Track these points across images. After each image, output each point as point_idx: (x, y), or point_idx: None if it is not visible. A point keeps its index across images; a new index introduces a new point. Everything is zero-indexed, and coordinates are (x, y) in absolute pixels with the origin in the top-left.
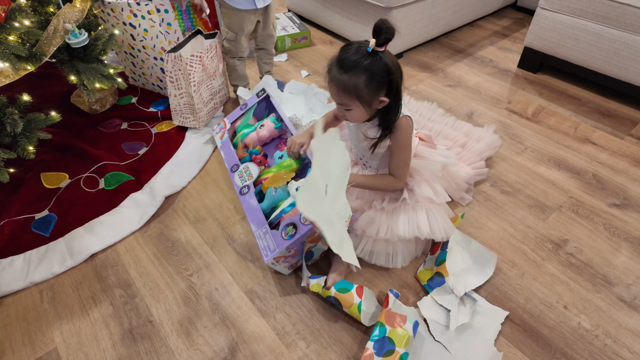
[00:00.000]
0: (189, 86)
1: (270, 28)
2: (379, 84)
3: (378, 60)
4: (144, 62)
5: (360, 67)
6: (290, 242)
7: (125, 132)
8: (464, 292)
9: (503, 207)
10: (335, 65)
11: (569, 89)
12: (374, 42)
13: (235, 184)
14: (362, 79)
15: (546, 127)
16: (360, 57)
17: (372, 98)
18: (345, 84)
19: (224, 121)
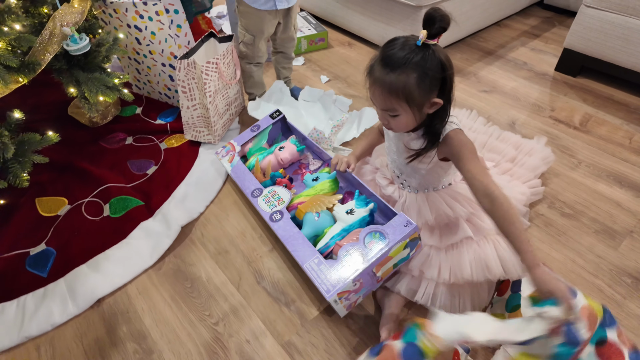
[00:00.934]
0: (204, 97)
1: (291, 30)
2: (433, 83)
3: (430, 55)
4: (150, 69)
5: (410, 64)
6: (357, 274)
7: (131, 147)
8: None
9: (566, 233)
10: (378, 64)
11: (614, 94)
12: (425, 34)
13: (262, 210)
14: (412, 78)
15: (597, 138)
16: (409, 52)
17: (424, 100)
18: (392, 84)
19: (232, 143)
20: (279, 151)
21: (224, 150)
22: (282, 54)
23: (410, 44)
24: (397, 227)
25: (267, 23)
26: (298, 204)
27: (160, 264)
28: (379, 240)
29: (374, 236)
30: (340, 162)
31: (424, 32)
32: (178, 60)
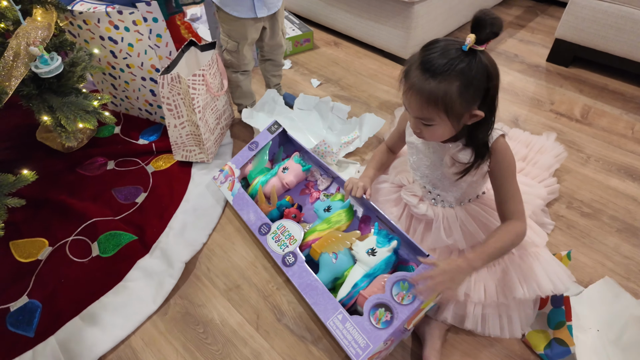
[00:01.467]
0: (193, 113)
1: (279, 36)
2: (476, 93)
3: (477, 62)
4: (129, 84)
5: (453, 71)
6: (388, 332)
7: (114, 173)
8: None
9: (590, 235)
10: (417, 68)
11: (609, 83)
12: (473, 38)
13: (273, 251)
14: (455, 86)
15: (601, 130)
16: (454, 57)
17: (464, 111)
18: (432, 93)
19: (230, 167)
20: (282, 173)
21: (221, 175)
22: (270, 61)
23: (454, 48)
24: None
25: (250, 28)
26: (312, 241)
27: (166, 307)
28: (408, 291)
29: (402, 287)
30: (355, 187)
31: (472, 36)
32: (160, 76)
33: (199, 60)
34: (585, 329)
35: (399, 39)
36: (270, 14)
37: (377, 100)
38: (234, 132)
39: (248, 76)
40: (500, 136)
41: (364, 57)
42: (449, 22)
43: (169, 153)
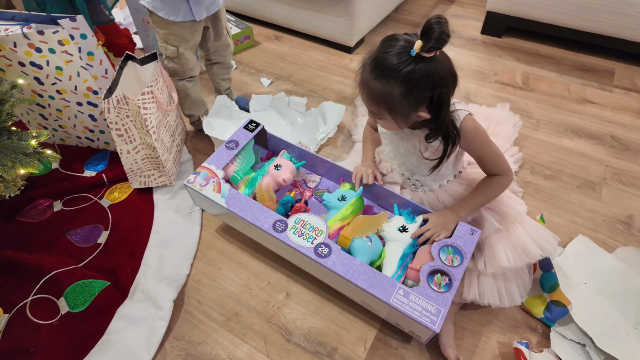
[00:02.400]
0: (147, 135)
1: (224, 35)
2: (419, 99)
3: (422, 69)
4: (62, 112)
5: (397, 76)
6: (452, 293)
7: (63, 215)
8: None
9: (556, 195)
10: (369, 64)
11: (539, 49)
12: (419, 45)
13: (299, 245)
14: (397, 91)
15: (543, 94)
16: (401, 61)
17: (407, 112)
18: (376, 93)
19: (208, 168)
20: (276, 171)
21: (199, 178)
22: (218, 64)
23: (406, 50)
24: (465, 238)
25: (189, 31)
26: (337, 230)
27: (163, 354)
28: (455, 253)
29: (448, 251)
30: (365, 174)
31: (419, 43)
32: (103, 100)
33: (140, 76)
34: (573, 285)
35: (342, 28)
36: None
37: (333, 92)
38: (191, 147)
39: (196, 82)
40: (467, 116)
41: (310, 49)
42: (386, 6)
43: (123, 181)
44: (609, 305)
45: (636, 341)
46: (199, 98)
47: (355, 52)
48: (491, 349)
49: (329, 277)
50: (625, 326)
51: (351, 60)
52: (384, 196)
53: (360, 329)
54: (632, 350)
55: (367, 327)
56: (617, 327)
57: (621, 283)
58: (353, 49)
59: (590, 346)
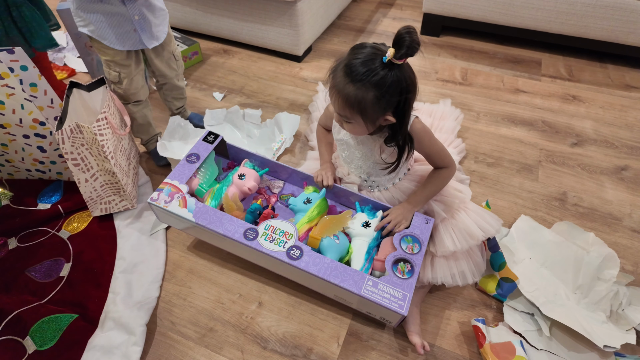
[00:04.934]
0: (105, 161)
1: (170, 59)
2: (389, 104)
3: (393, 75)
4: (7, 146)
5: (371, 81)
6: (415, 278)
7: (20, 252)
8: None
9: (499, 181)
10: (342, 70)
11: (474, 45)
12: (392, 53)
13: (271, 251)
14: (370, 95)
15: (480, 87)
16: (373, 68)
17: (377, 116)
18: (349, 96)
19: (170, 184)
20: (240, 180)
21: (162, 194)
22: (166, 85)
23: (377, 58)
24: (421, 227)
25: (132, 58)
26: (306, 232)
27: None
28: (414, 242)
29: (407, 240)
30: (325, 177)
31: (391, 51)
32: (57, 132)
33: (88, 102)
34: (519, 261)
35: (289, 38)
36: None
37: (286, 102)
38: (147, 168)
39: (144, 106)
40: (415, 119)
41: (259, 60)
42: (328, 14)
43: (81, 211)
44: (551, 275)
45: (576, 304)
46: (146, 121)
47: (305, 61)
48: (452, 329)
49: (302, 278)
50: (566, 292)
51: (301, 69)
52: (345, 195)
53: (332, 327)
54: (573, 313)
55: (338, 324)
56: (559, 294)
57: (559, 254)
58: (302, 57)
59: (537, 314)
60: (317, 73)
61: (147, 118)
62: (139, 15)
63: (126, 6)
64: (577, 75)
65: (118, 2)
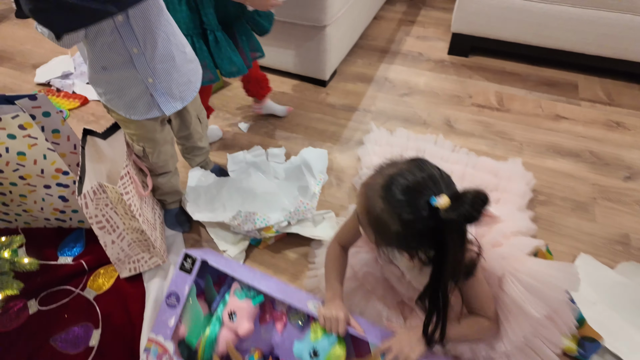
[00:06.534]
0: (133, 220)
1: (192, 124)
2: (409, 247)
3: (430, 224)
4: (26, 197)
5: (401, 214)
6: None
7: (42, 317)
8: None
9: (554, 221)
10: (379, 188)
11: (505, 66)
12: (444, 203)
13: None
14: (394, 227)
15: (518, 114)
16: (413, 201)
17: (392, 248)
18: (374, 210)
19: (155, 341)
20: (231, 322)
21: (151, 355)
22: (188, 147)
23: (426, 190)
24: None
25: (155, 128)
26: None
27: None
28: None
29: None
30: (335, 324)
31: (443, 201)
32: (78, 196)
33: (104, 149)
34: (590, 305)
35: (315, 62)
36: None
37: (315, 131)
38: None
39: (171, 176)
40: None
41: (283, 85)
42: (353, 35)
43: (106, 265)
44: (623, 320)
45: None
46: (173, 189)
47: (330, 86)
48: None
49: None
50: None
51: (327, 94)
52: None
53: None
54: None
55: None
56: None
57: (628, 297)
58: (327, 82)
59: None
60: (344, 99)
61: (176, 187)
62: (153, 76)
63: (136, 68)
64: (617, 99)
65: (126, 65)
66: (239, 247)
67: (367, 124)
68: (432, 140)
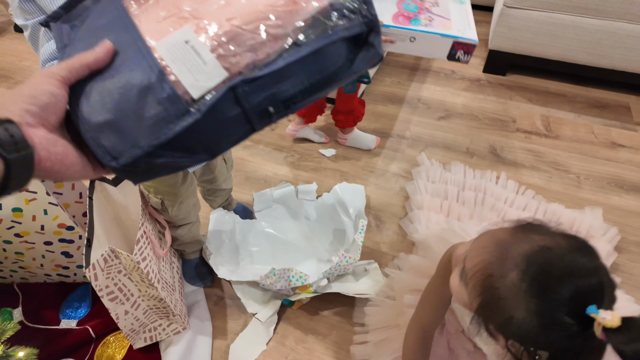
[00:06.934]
0: (151, 288)
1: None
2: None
3: (570, 340)
4: (23, 254)
5: (538, 311)
6: None
7: None
8: None
9: (632, 273)
10: (521, 257)
11: (548, 86)
12: (612, 324)
13: None
14: (518, 314)
15: (570, 141)
16: (559, 319)
17: (492, 330)
18: (486, 284)
19: None
20: None
21: None
22: (210, 189)
23: (577, 308)
24: None
25: (177, 180)
26: None
27: None
28: None
29: None
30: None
31: (614, 320)
32: (86, 269)
33: (114, 197)
34: None
35: None
36: None
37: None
38: None
39: (192, 225)
40: None
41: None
42: None
43: (116, 331)
44: None
45: None
46: (193, 239)
47: None
48: None
49: None
50: None
51: None
52: None
53: None
54: None
55: None
56: None
57: None
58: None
59: None
60: (374, 123)
61: (196, 236)
62: None
63: None
64: None
65: None
66: (271, 308)
67: (402, 152)
68: (491, 178)
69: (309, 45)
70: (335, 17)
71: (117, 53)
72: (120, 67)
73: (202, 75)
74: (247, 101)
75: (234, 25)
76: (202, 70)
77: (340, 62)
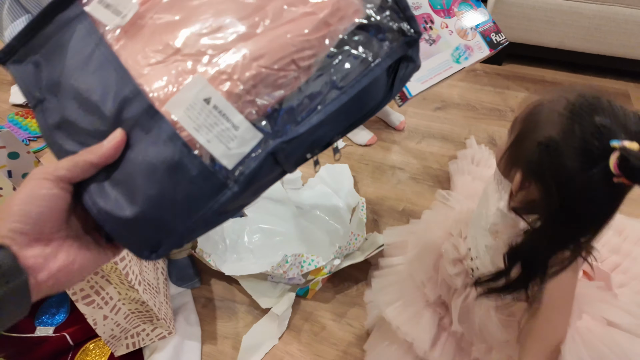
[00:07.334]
0: (131, 290)
1: None
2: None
3: (591, 172)
4: None
5: (556, 174)
6: None
7: None
8: None
9: None
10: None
11: (544, 74)
12: (616, 157)
13: None
14: (534, 153)
15: None
16: (590, 146)
17: (511, 165)
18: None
19: None
20: None
21: None
22: None
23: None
24: None
25: None
26: None
27: None
28: None
29: None
30: None
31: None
32: None
33: None
34: None
35: None
36: None
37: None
38: None
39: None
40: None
41: None
42: None
43: (96, 337)
44: None
45: None
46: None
47: None
48: None
49: None
50: None
51: None
52: None
53: None
54: None
55: None
56: None
57: None
58: None
59: None
60: None
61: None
62: None
63: None
64: None
65: None
66: (285, 302)
67: (399, 144)
68: None
69: (352, 88)
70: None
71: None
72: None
73: (234, 142)
74: (286, 160)
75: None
76: (233, 136)
77: (382, 94)
